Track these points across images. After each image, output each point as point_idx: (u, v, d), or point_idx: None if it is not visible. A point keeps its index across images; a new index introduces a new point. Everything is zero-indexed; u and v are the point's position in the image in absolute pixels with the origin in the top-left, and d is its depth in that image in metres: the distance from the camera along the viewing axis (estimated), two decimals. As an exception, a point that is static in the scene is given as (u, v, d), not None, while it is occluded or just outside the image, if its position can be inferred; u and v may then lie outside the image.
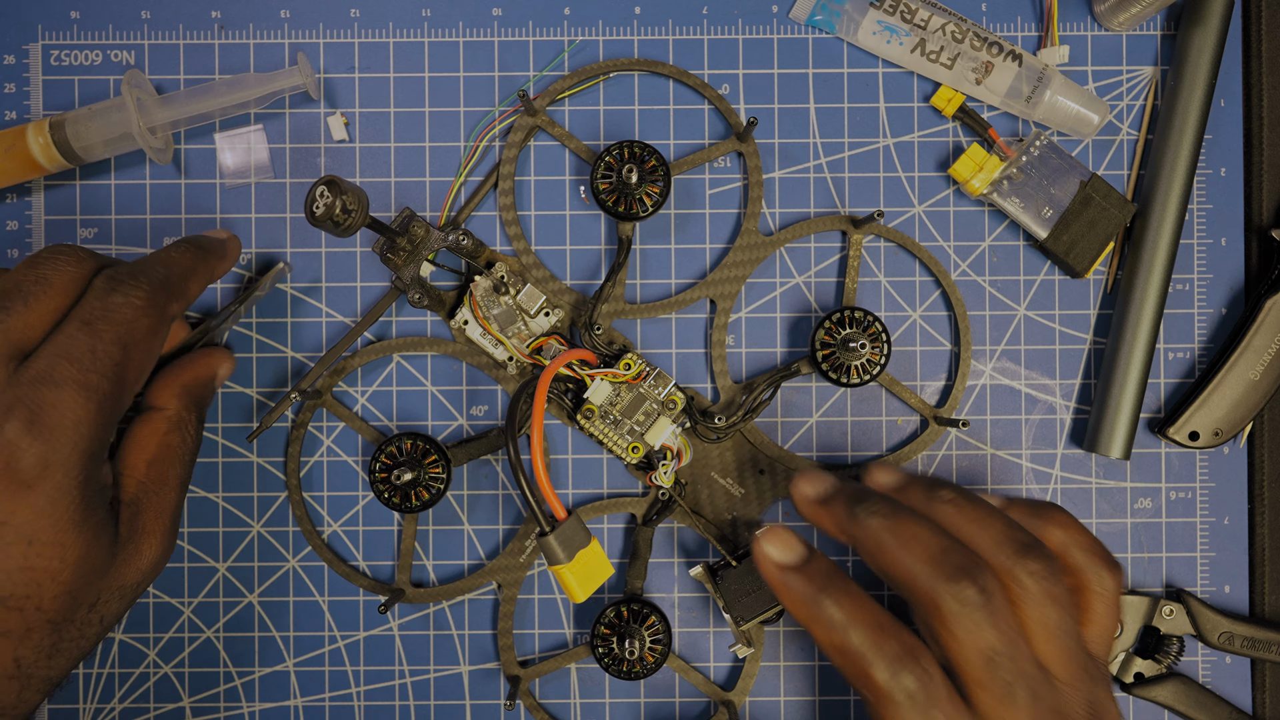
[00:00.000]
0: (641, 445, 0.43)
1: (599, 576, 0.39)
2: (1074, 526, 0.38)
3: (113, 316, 0.35)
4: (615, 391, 0.44)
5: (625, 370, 0.43)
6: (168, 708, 0.45)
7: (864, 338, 0.43)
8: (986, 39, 0.45)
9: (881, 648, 0.34)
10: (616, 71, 0.45)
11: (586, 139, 0.46)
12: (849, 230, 0.45)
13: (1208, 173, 0.46)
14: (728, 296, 0.45)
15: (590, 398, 0.43)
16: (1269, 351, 0.44)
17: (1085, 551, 0.37)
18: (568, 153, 0.46)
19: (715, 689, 0.45)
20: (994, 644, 0.34)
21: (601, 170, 0.43)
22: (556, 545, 0.38)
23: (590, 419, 0.43)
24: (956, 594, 0.34)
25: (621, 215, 0.43)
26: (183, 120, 0.44)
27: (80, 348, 0.34)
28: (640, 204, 0.43)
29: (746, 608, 0.42)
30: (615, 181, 0.43)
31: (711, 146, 0.45)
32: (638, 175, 0.42)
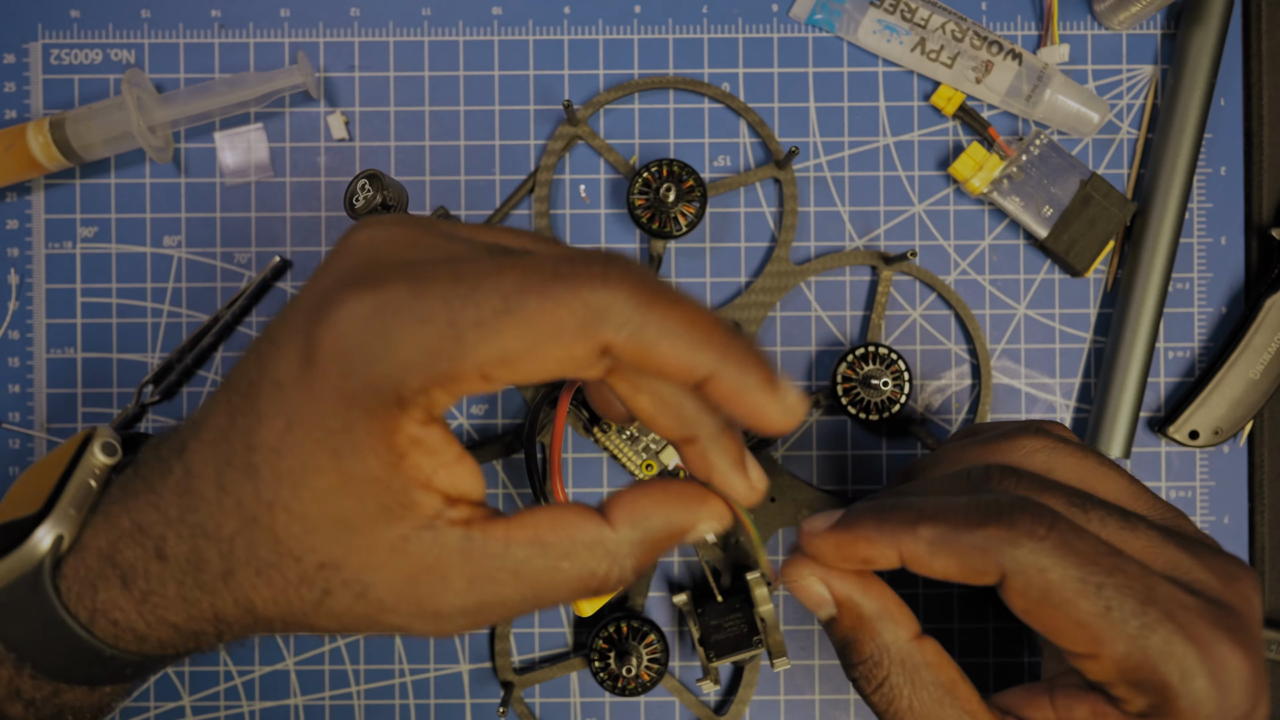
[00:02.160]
0: (656, 464, 0.43)
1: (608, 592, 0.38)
2: (1040, 425, 0.34)
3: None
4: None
5: None
6: (167, 706, 0.45)
7: (887, 374, 0.43)
8: (986, 38, 0.45)
9: (973, 505, 0.29)
10: (659, 88, 0.46)
11: (620, 140, 0.46)
12: (879, 266, 0.45)
13: (1208, 172, 0.46)
14: (753, 321, 0.45)
15: None
16: (1269, 350, 0.44)
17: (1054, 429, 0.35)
18: (603, 161, 0.46)
19: (708, 713, 0.45)
20: (1065, 497, 0.30)
21: (639, 187, 0.43)
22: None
23: (607, 433, 0.43)
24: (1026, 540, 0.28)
25: (655, 233, 0.43)
26: (183, 119, 0.44)
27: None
28: (675, 223, 0.43)
29: (722, 644, 0.41)
30: (652, 199, 0.43)
31: (749, 172, 0.45)
32: (675, 194, 0.42)
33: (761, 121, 0.45)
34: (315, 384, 0.25)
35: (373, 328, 0.24)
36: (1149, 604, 0.27)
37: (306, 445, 0.25)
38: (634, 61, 0.46)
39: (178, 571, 0.27)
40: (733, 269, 0.46)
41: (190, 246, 0.46)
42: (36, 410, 0.45)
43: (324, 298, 0.25)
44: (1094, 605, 0.27)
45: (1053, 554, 0.28)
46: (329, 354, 0.24)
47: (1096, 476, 0.32)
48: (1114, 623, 0.27)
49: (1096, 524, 0.29)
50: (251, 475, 0.26)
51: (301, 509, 0.26)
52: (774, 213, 0.46)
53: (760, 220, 0.46)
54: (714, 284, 0.46)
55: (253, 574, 0.27)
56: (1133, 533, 0.29)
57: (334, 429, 0.25)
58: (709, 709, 0.45)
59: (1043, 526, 0.28)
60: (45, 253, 0.45)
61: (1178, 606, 0.27)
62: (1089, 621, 0.27)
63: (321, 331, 0.25)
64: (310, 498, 0.25)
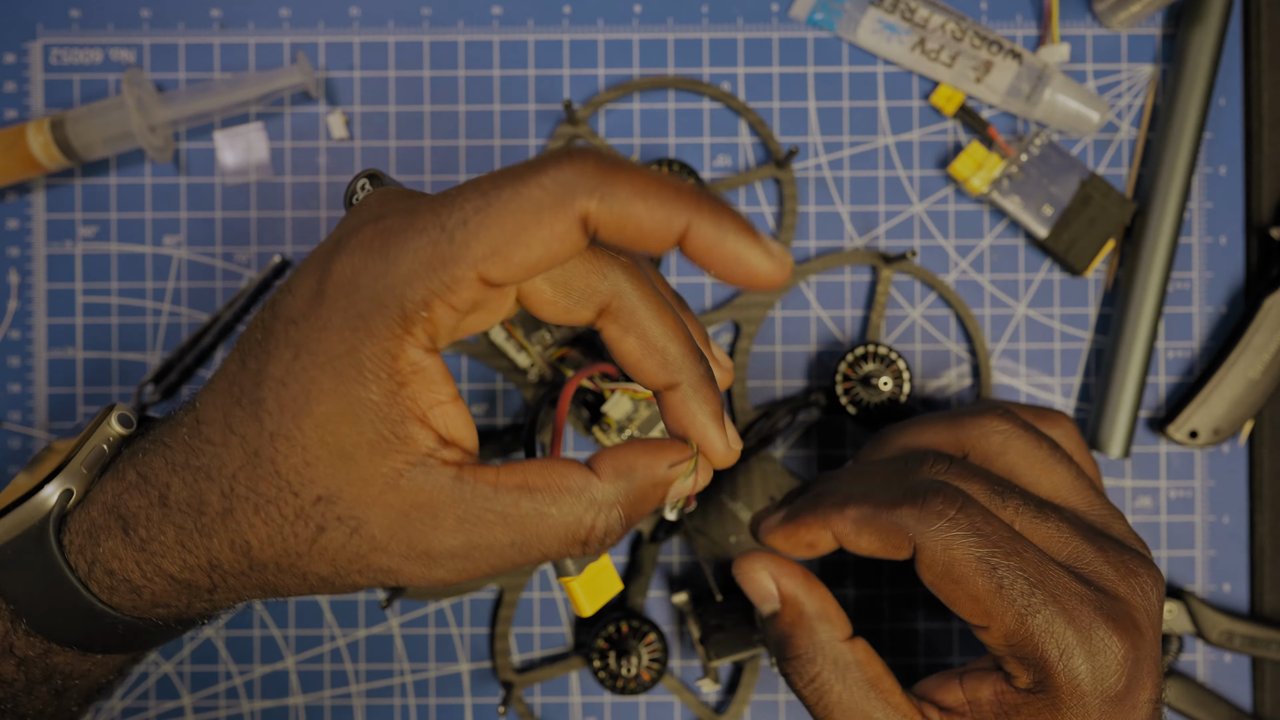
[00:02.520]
0: None
1: (608, 591, 0.36)
2: (1008, 403, 0.38)
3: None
4: (634, 407, 0.43)
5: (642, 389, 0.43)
6: (168, 706, 0.45)
7: (887, 374, 0.43)
8: (986, 37, 0.45)
9: (882, 496, 0.33)
10: (659, 87, 0.46)
11: (620, 140, 0.46)
12: (879, 266, 0.45)
13: (1207, 171, 0.46)
14: (753, 321, 0.45)
15: (609, 411, 0.43)
16: (1269, 350, 0.44)
17: (1030, 413, 0.37)
18: None
19: (708, 713, 0.45)
20: (987, 486, 0.33)
21: None
22: (569, 559, 0.37)
23: (607, 433, 0.43)
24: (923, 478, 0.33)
25: None
26: (183, 119, 0.44)
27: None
28: None
29: (722, 644, 0.41)
30: None
31: (749, 172, 0.45)
32: None
33: (761, 121, 0.45)
34: (324, 312, 0.26)
35: (374, 247, 0.26)
36: (1038, 586, 0.30)
37: (311, 371, 0.26)
38: (634, 61, 0.46)
39: (178, 516, 0.28)
40: (733, 269, 0.46)
41: (190, 246, 0.46)
42: (36, 410, 0.45)
43: (334, 241, 0.27)
44: (988, 582, 0.30)
45: (957, 533, 0.31)
46: (337, 282, 0.26)
47: (1042, 466, 0.34)
48: (1005, 600, 0.30)
49: (1011, 511, 0.32)
50: (257, 408, 0.27)
51: (303, 438, 0.26)
52: (774, 212, 0.46)
53: (760, 220, 0.46)
54: (714, 284, 0.46)
55: (251, 511, 0.27)
56: (1044, 522, 0.32)
57: (339, 353, 0.26)
58: (709, 709, 0.45)
59: (952, 508, 0.31)
60: (45, 253, 0.45)
61: (1065, 592, 0.30)
62: (982, 596, 0.31)
63: (332, 263, 0.26)
64: (311, 425, 0.26)
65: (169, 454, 0.29)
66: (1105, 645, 0.30)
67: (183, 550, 0.28)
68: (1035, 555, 0.31)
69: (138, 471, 0.29)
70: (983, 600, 0.31)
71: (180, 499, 0.28)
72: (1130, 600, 0.31)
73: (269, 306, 0.28)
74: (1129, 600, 0.31)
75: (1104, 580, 0.31)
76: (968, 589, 0.31)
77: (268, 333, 0.27)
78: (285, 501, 0.27)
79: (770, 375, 0.46)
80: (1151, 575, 0.32)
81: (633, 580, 0.44)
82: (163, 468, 0.29)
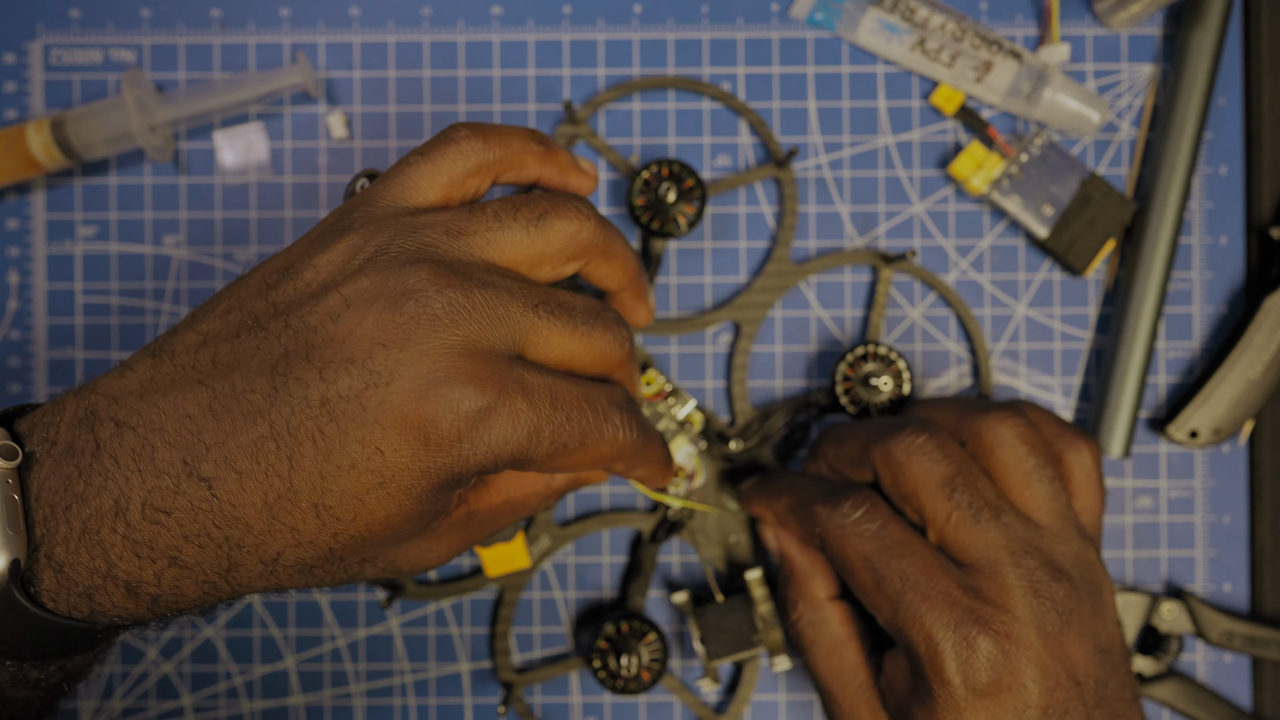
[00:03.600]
0: None
1: (513, 564, 0.43)
2: (1041, 410, 0.40)
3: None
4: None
5: (646, 387, 0.43)
6: (168, 705, 0.45)
7: (887, 374, 0.43)
8: (986, 37, 0.45)
9: (817, 492, 0.38)
10: (659, 88, 0.46)
11: (620, 140, 0.46)
12: (879, 266, 0.45)
13: (1207, 171, 0.46)
14: (753, 321, 0.45)
15: None
16: (1269, 350, 0.44)
17: (1054, 426, 0.39)
18: (603, 161, 0.46)
19: (708, 713, 0.45)
20: (948, 473, 0.36)
21: (639, 187, 0.43)
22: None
23: None
24: (902, 442, 0.36)
25: (655, 233, 0.43)
26: (183, 119, 0.44)
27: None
28: (675, 223, 0.43)
29: (722, 644, 0.42)
30: (652, 199, 0.43)
31: (748, 172, 0.45)
32: (675, 194, 0.42)
33: (761, 121, 0.45)
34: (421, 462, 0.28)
35: (476, 432, 0.28)
36: (911, 585, 0.34)
37: (386, 502, 0.28)
38: (634, 61, 0.46)
39: (198, 572, 0.28)
40: (733, 269, 0.46)
41: (190, 246, 0.46)
42: (36, 410, 0.45)
43: (431, 389, 0.27)
44: (868, 578, 0.35)
45: (854, 533, 0.36)
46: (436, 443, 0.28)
47: (1019, 477, 0.37)
48: (880, 593, 0.35)
49: (952, 505, 0.35)
50: (320, 512, 0.28)
51: (365, 533, 0.29)
52: (774, 212, 0.46)
53: (760, 220, 0.46)
54: (714, 283, 0.46)
55: (294, 572, 0.29)
56: (975, 524, 0.35)
57: (414, 488, 0.28)
58: (709, 709, 0.45)
59: (856, 511, 0.36)
60: (45, 253, 0.45)
61: (937, 592, 0.34)
62: (866, 588, 0.36)
63: (432, 428, 0.28)
64: (376, 525, 0.29)
65: (167, 523, 0.27)
66: (971, 641, 0.33)
67: (203, 595, 0.29)
68: (921, 558, 0.35)
69: (126, 538, 0.27)
70: (866, 592, 0.36)
71: (199, 561, 0.28)
72: (1016, 613, 0.34)
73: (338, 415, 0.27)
74: (1014, 612, 0.34)
75: (996, 590, 0.34)
76: (855, 580, 0.36)
77: (330, 441, 0.27)
78: (329, 568, 0.30)
79: (770, 375, 0.46)
80: (1060, 603, 0.34)
81: (632, 580, 0.44)
82: (166, 537, 0.27)
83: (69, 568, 0.27)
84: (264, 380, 0.27)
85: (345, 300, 0.28)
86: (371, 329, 0.27)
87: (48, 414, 0.29)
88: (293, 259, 0.30)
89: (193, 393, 0.28)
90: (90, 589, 0.28)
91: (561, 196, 0.32)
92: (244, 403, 0.27)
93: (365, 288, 0.28)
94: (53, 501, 0.27)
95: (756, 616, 0.42)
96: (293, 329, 0.28)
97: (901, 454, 0.36)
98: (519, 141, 0.33)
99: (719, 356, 0.46)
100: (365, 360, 0.27)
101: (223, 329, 0.29)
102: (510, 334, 0.29)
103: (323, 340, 0.27)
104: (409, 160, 0.32)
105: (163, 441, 0.27)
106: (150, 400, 0.28)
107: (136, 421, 0.27)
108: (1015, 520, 0.36)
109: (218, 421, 0.27)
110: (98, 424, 0.28)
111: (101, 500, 0.27)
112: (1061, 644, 0.34)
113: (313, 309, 0.28)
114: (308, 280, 0.29)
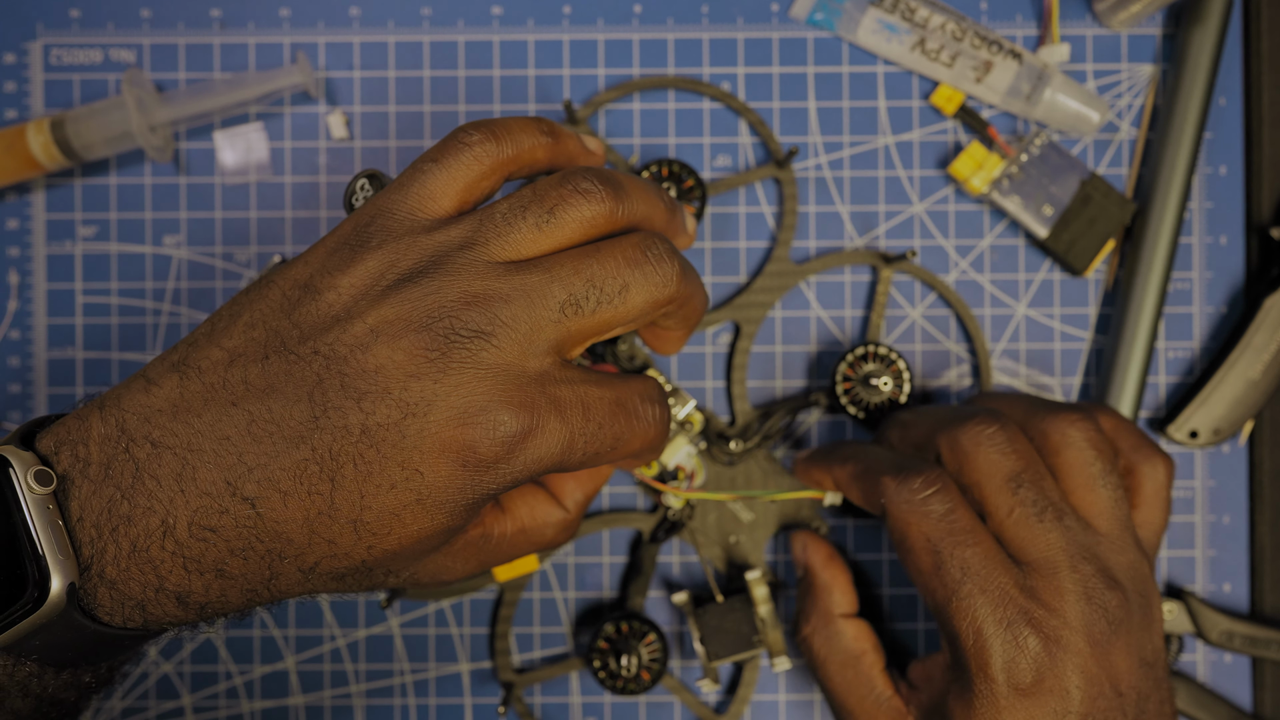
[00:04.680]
0: (655, 463, 0.43)
1: (523, 567, 0.43)
2: (1121, 417, 0.39)
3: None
4: None
5: None
6: (168, 705, 0.45)
7: (887, 374, 0.43)
8: (986, 37, 0.45)
9: (886, 462, 0.37)
10: (659, 88, 0.46)
11: (620, 140, 0.46)
12: (879, 266, 0.45)
13: (1207, 171, 0.46)
14: (753, 321, 0.45)
15: None
16: (1269, 350, 0.44)
17: (1133, 437, 0.38)
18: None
19: (708, 713, 0.45)
20: (1015, 468, 0.35)
21: None
22: None
23: None
24: (971, 431, 0.36)
25: None
26: (183, 119, 0.44)
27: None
28: None
29: (722, 644, 0.42)
30: None
31: (749, 172, 0.45)
32: (675, 194, 0.42)
33: (761, 121, 0.45)
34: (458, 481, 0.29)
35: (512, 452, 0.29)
36: (970, 575, 0.34)
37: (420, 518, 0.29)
38: (634, 61, 0.46)
39: (243, 582, 0.29)
40: (733, 268, 0.46)
41: (190, 246, 0.46)
42: (36, 410, 0.45)
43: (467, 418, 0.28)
44: (928, 561, 0.35)
45: (920, 512, 0.35)
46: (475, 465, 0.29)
47: (1083, 481, 0.36)
48: (937, 577, 0.35)
49: (1015, 501, 0.35)
50: (357, 529, 0.29)
51: (395, 547, 0.30)
52: (774, 212, 0.46)
53: (760, 220, 0.46)
54: (714, 283, 0.46)
55: (327, 579, 0.30)
56: (1038, 523, 0.35)
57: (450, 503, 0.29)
58: (709, 709, 0.45)
59: (927, 490, 0.35)
60: (45, 253, 0.45)
61: (995, 587, 0.34)
62: (923, 569, 0.35)
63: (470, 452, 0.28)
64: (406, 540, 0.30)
65: (214, 540, 0.28)
66: (1020, 640, 0.33)
67: (247, 601, 0.30)
68: (985, 550, 0.34)
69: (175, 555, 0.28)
70: (923, 573, 0.35)
71: (244, 572, 0.29)
72: (1068, 618, 0.34)
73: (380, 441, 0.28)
74: (1066, 617, 0.34)
75: (1051, 593, 0.34)
76: (913, 560, 0.35)
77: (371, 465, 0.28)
78: (359, 577, 0.31)
79: (770, 375, 0.46)
80: (1111, 612, 0.34)
81: (632, 580, 0.44)
82: (213, 552, 0.28)
83: (121, 584, 0.28)
84: (302, 408, 0.28)
85: (373, 331, 0.28)
86: (404, 362, 0.28)
87: (72, 431, 0.29)
88: (312, 273, 0.30)
89: (229, 415, 0.28)
90: (143, 601, 0.28)
91: (569, 182, 0.31)
92: (284, 428, 0.28)
93: (391, 319, 0.28)
94: (98, 523, 0.28)
95: (756, 617, 0.42)
96: (323, 356, 0.28)
97: (969, 443, 0.36)
98: (529, 136, 0.33)
99: (719, 356, 0.46)
100: (401, 392, 0.28)
101: (249, 347, 0.29)
102: (541, 344, 0.29)
103: (355, 371, 0.28)
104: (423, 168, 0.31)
105: (203, 463, 0.28)
106: (184, 421, 0.28)
107: (173, 442, 0.28)
108: (1076, 524, 0.35)
109: (259, 445, 0.28)
110: (132, 444, 0.28)
111: (149, 521, 0.28)
112: (1108, 653, 0.34)
113: (339, 337, 0.28)
114: (330, 302, 0.29)
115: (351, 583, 0.31)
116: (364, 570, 0.30)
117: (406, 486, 0.28)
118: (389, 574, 0.31)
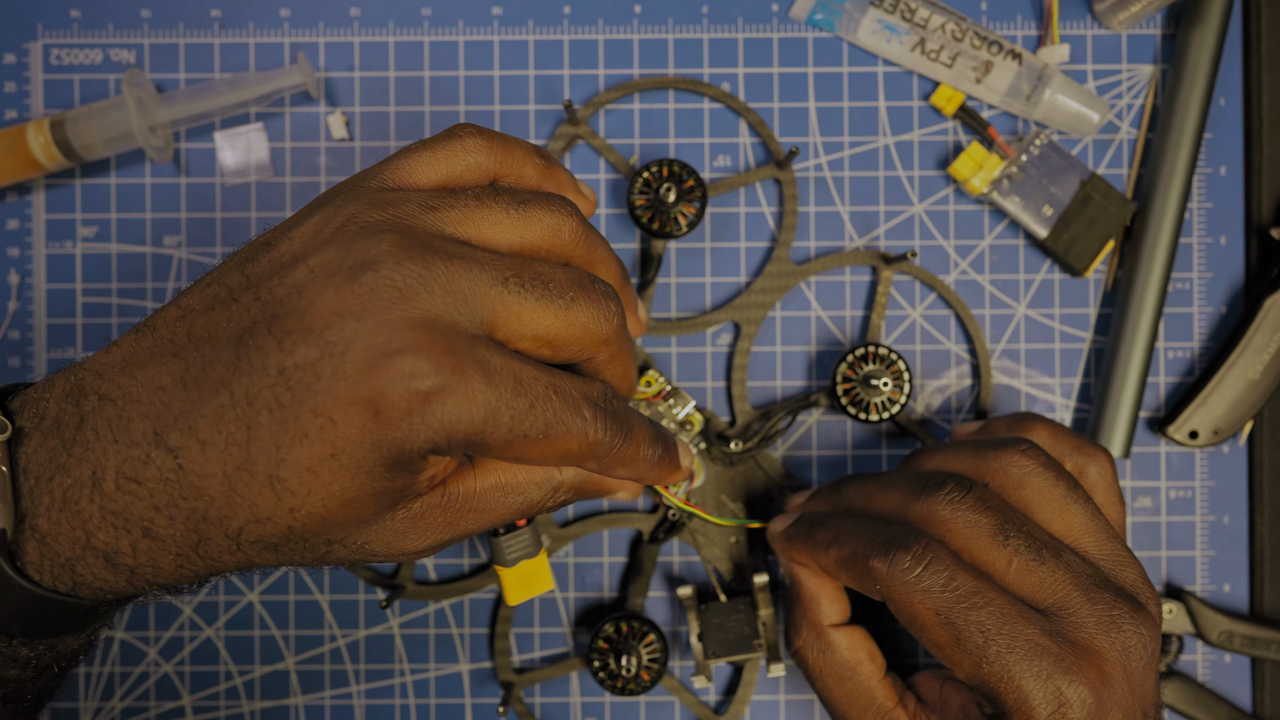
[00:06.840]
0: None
1: (538, 588, 0.39)
2: (1051, 423, 0.39)
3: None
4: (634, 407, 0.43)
5: (646, 387, 0.43)
6: (168, 706, 0.45)
7: (887, 375, 0.43)
8: (986, 38, 0.45)
9: (869, 539, 0.35)
10: (659, 88, 0.46)
11: (620, 140, 0.46)
12: (879, 266, 0.45)
13: (1207, 171, 0.46)
14: (753, 321, 0.45)
15: None
16: (1269, 350, 0.44)
17: (1071, 440, 0.39)
18: (603, 161, 0.46)
19: (708, 713, 0.45)
20: (996, 521, 0.34)
21: (639, 187, 0.43)
22: (504, 548, 0.38)
23: None
24: (943, 500, 0.35)
25: (656, 233, 0.43)
26: (183, 119, 0.44)
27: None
28: (675, 223, 0.43)
29: (721, 643, 0.42)
30: (652, 199, 0.43)
31: (749, 172, 0.45)
32: (675, 194, 0.42)
33: (761, 121, 0.45)
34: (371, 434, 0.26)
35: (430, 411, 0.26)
36: (994, 638, 0.32)
37: (340, 475, 0.27)
38: (634, 61, 0.46)
39: (171, 545, 0.28)
40: (733, 269, 0.46)
41: (190, 247, 0.46)
42: (37, 410, 0.45)
43: (384, 361, 0.26)
44: (944, 635, 0.33)
45: (920, 587, 0.33)
46: (385, 415, 0.26)
47: (1056, 505, 0.35)
48: (961, 649, 0.33)
49: (1010, 551, 0.34)
50: (275, 485, 0.27)
51: (323, 511, 0.27)
52: (774, 213, 0.46)
53: (760, 220, 0.46)
54: (714, 284, 0.46)
55: (260, 550, 0.29)
56: (1039, 566, 0.34)
57: (368, 460, 0.27)
58: (709, 709, 0.45)
59: (918, 565, 0.33)
60: (45, 253, 0.45)
61: (1023, 642, 0.32)
62: (942, 645, 0.33)
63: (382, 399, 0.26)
64: (332, 502, 0.27)
65: (139, 492, 0.27)
66: (1063, 695, 0.32)
67: (179, 569, 0.29)
68: (999, 607, 0.33)
69: (102, 508, 0.27)
70: (943, 648, 0.33)
71: (170, 534, 0.28)
72: (1104, 653, 0.32)
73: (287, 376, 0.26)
74: (1102, 653, 0.32)
75: (1079, 631, 0.33)
76: (929, 637, 0.33)
77: (285, 410, 0.26)
78: (294, 547, 0.29)
79: (770, 375, 0.46)
80: (1139, 630, 0.33)
81: (632, 581, 0.44)
82: (139, 507, 0.27)
83: (51, 538, 0.28)
84: (229, 351, 0.27)
85: (311, 271, 0.27)
86: (332, 299, 0.27)
87: (38, 390, 0.29)
88: (274, 234, 0.30)
89: (167, 365, 0.28)
90: (72, 559, 0.28)
91: (546, 193, 0.31)
92: (210, 373, 0.27)
93: (330, 258, 0.27)
94: (38, 473, 0.28)
95: (758, 621, 0.42)
96: (261, 300, 0.28)
97: (946, 512, 0.35)
98: (522, 152, 0.32)
99: (719, 357, 0.46)
100: (323, 330, 0.26)
101: (200, 302, 0.29)
102: (476, 310, 0.28)
103: (286, 311, 0.27)
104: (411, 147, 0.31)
105: (137, 412, 0.27)
106: (130, 373, 0.28)
107: (116, 394, 0.28)
108: (1074, 555, 0.34)
109: (186, 392, 0.27)
110: (82, 398, 0.28)
111: (81, 471, 0.27)
112: (1143, 678, 0.33)
113: (280, 280, 0.28)
114: (282, 251, 0.29)
115: (289, 553, 0.29)
116: (296, 539, 0.28)
117: (320, 438, 0.26)
118: (331, 544, 0.29)
